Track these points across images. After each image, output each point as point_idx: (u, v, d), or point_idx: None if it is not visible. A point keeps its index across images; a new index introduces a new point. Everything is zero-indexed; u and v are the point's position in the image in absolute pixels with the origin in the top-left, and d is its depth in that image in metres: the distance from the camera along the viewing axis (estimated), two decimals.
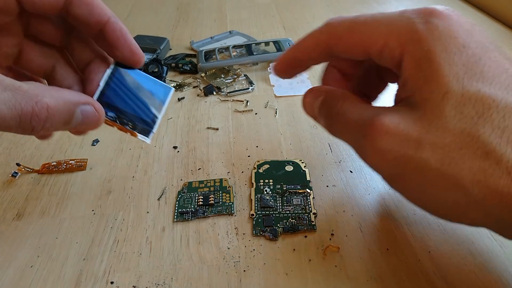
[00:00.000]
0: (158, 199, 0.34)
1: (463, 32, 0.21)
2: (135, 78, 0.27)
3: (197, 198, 0.34)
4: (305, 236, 0.30)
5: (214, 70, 0.53)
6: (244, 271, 0.28)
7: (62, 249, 0.30)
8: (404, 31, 0.21)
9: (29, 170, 0.38)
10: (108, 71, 0.26)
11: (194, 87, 0.51)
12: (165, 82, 0.51)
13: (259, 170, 0.36)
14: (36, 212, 0.34)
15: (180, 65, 0.54)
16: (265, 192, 0.34)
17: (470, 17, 0.65)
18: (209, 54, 0.55)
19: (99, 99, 0.25)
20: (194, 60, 0.56)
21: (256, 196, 0.34)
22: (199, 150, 0.40)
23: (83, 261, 0.29)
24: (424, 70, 0.20)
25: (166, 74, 0.52)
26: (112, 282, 0.28)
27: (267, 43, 0.57)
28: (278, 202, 0.33)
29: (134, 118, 0.26)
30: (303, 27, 0.67)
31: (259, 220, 0.32)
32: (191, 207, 0.33)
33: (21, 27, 0.26)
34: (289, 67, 0.28)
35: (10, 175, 0.37)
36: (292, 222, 0.31)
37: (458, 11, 0.22)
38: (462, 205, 0.20)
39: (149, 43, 0.58)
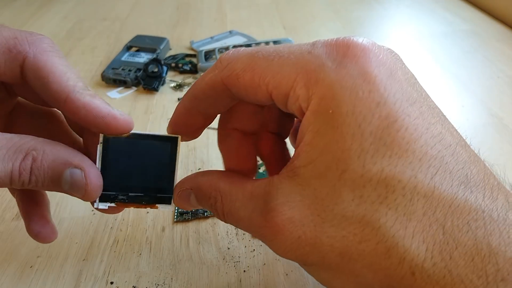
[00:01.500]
0: None
1: (382, 77, 0.17)
2: (134, 143, 0.22)
3: None
4: None
5: None
6: (244, 271, 0.28)
7: (62, 249, 0.30)
8: (312, 77, 0.18)
9: None
10: (100, 148, 0.21)
11: None
12: (165, 82, 0.52)
13: (259, 170, 0.36)
14: None
15: (180, 65, 0.54)
16: None
17: (470, 17, 0.66)
18: (209, 54, 0.55)
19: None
20: (194, 60, 0.56)
21: None
22: (199, 150, 0.40)
23: (83, 261, 0.29)
24: (323, 138, 0.17)
25: (166, 74, 0.52)
26: (112, 282, 0.28)
27: (267, 43, 0.57)
28: None
29: (147, 190, 0.22)
30: (303, 27, 0.67)
31: None
32: None
33: (6, 94, 0.24)
34: (188, 120, 0.23)
35: None
36: None
37: (378, 44, 0.19)
38: None
39: (149, 43, 0.58)
